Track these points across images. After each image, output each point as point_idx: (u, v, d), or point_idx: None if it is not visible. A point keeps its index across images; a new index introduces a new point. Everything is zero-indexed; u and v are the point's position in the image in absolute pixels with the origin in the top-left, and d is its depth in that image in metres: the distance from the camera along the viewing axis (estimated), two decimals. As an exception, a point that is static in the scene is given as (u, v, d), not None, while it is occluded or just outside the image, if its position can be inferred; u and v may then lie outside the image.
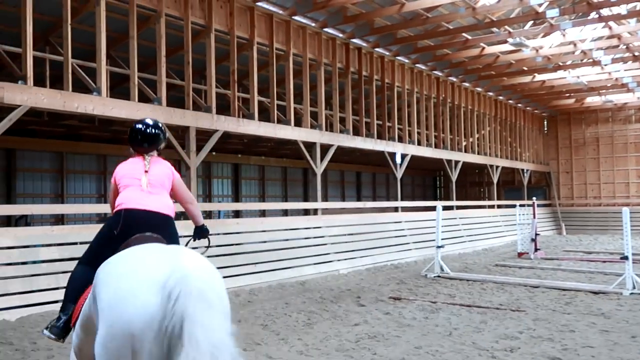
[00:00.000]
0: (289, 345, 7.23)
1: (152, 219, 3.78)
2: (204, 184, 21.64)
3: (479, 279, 12.89)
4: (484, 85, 24.84)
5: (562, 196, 32.47)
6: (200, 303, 2.54)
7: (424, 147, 21.18)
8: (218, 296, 2.70)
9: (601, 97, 28.06)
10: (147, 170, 4.07)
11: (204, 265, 2.88)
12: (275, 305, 9.97)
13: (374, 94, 18.63)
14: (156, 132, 4.30)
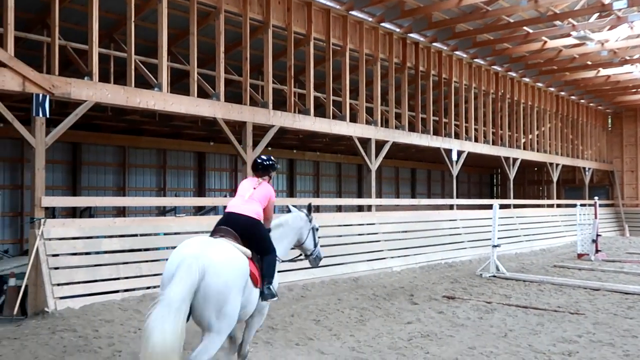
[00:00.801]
0: (341, 341, 7.27)
1: (238, 219, 5.27)
2: (259, 179, 21.89)
3: (536, 279, 12.60)
4: (545, 80, 24.17)
5: (625, 196, 31.30)
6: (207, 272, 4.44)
7: (481, 144, 20.82)
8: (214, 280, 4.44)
9: (671, 93, 26.89)
10: (255, 188, 5.57)
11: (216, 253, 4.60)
12: (328, 301, 10.03)
13: (430, 90, 18.43)
14: (267, 164, 5.80)
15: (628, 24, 17.49)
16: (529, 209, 24.11)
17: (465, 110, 20.39)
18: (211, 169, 20.27)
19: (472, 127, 20.45)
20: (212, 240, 4.90)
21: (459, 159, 19.26)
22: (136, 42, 11.28)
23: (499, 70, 21.86)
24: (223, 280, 4.49)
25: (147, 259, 10.34)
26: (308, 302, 9.84)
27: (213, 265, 4.47)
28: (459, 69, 19.77)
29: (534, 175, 33.55)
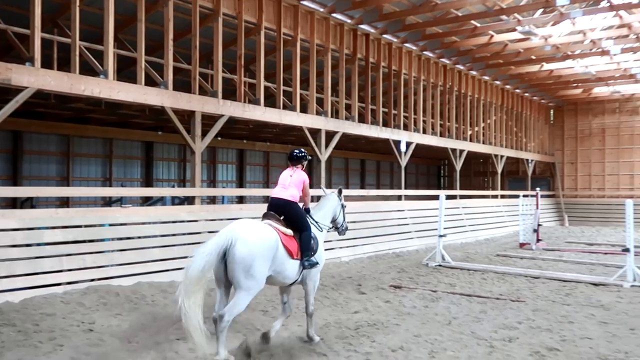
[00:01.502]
0: (289, 331, 7.29)
1: (279, 202, 6.62)
2: (208, 169, 21.70)
3: (480, 268, 12.94)
4: (491, 73, 24.72)
5: (565, 187, 32.43)
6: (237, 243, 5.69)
7: (429, 136, 21.15)
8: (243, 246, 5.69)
9: (609, 88, 27.90)
10: (292, 175, 6.83)
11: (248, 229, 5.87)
12: (276, 291, 10.02)
13: (380, 81, 18.59)
14: (300, 155, 6.97)
15: (570, 20, 18.03)
16: (474, 199, 24.68)
17: (414, 102, 20.67)
18: (159, 158, 19.93)
19: (420, 118, 20.74)
20: (250, 221, 6.15)
21: (408, 150, 19.53)
22: (81, 28, 10.95)
23: (447, 63, 22.22)
24: (248, 249, 5.74)
25: (92, 250, 10.11)
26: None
27: (241, 238, 5.76)
28: (409, 61, 20.00)
29: (479, 166, 34.36)
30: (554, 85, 27.43)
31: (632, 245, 11.16)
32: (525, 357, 6.26)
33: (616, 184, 30.91)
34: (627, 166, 30.71)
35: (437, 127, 21.78)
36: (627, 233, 11.20)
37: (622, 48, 20.88)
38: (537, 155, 30.67)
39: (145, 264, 10.64)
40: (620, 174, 30.82)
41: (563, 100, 31.68)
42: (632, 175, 30.50)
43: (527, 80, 26.08)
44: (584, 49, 21.37)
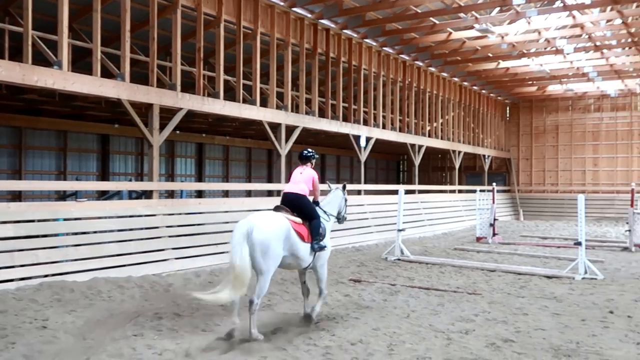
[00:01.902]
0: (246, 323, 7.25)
1: (290, 196, 7.44)
2: (166, 163, 21.41)
3: (438, 262, 13.12)
4: (449, 70, 25.06)
5: (521, 182, 33.19)
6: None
7: (389, 131, 21.33)
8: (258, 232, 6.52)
9: (562, 86, 28.64)
10: (302, 173, 7.70)
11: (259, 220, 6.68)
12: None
13: (340, 76, 18.63)
14: (309, 155, 7.91)
15: (526, 19, 18.42)
16: (432, 194, 25.03)
17: (374, 98, 20.80)
18: (116, 152, 19.56)
19: (380, 114, 20.90)
20: (264, 212, 7.09)
21: (367, 145, 19.65)
22: (34, 17, 10.64)
23: (406, 59, 22.42)
24: (264, 235, 6.60)
25: (45, 245, 9.86)
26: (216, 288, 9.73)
27: (257, 226, 6.62)
28: (369, 56, 20.11)
29: (438, 162, 34.85)
30: (510, 83, 28.00)
31: (584, 239, 11.48)
32: (481, 349, 6.39)
33: (569, 180, 31.80)
34: (579, 162, 31.63)
35: (396, 123, 21.97)
36: (579, 227, 11.52)
37: (575, 47, 21.45)
38: (494, 151, 31.28)
39: (101, 259, 10.44)
40: (572, 169, 31.73)
41: (519, 98, 32.37)
42: (584, 171, 31.43)
43: (484, 77, 26.54)
44: (538, 48, 21.86)
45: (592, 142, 31.38)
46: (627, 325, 7.44)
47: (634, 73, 25.48)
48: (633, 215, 16.07)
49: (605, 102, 31.19)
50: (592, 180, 31.23)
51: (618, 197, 29.66)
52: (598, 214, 29.18)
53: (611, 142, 30.89)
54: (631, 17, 18.81)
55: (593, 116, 31.47)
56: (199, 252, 12.15)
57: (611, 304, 8.80)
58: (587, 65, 24.17)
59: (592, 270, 11.30)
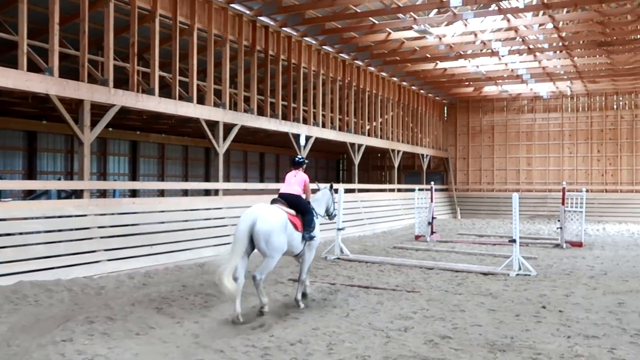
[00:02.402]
0: (184, 328, 7.14)
1: (287, 196, 8.47)
2: (98, 161, 20.81)
3: (378, 260, 13.28)
4: (388, 70, 25.40)
5: (458, 181, 34.03)
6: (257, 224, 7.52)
7: (328, 130, 21.43)
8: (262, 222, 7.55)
9: (498, 87, 29.51)
10: (295, 176, 8.82)
11: (264, 210, 7.72)
12: (172, 287, 9.80)
13: (279, 74, 18.57)
14: (301, 161, 9.11)
15: (463, 21, 18.87)
16: (372, 193, 25.32)
17: (314, 96, 20.85)
18: (43, 149, 18.85)
19: (319, 113, 20.96)
20: (265, 205, 8.03)
21: (307, 144, 19.68)
22: (-48, 6, 10.11)
23: (346, 58, 22.59)
24: (267, 225, 7.67)
25: (-34, 248, 9.39)
26: (150, 290, 9.53)
27: (260, 217, 7.68)
28: (308, 54, 20.14)
29: (377, 161, 35.31)
30: (447, 83, 28.65)
31: (518, 237, 11.87)
32: (420, 346, 6.49)
33: (504, 179, 32.85)
34: (513, 161, 32.72)
35: (336, 122, 22.10)
36: (514, 225, 11.91)
37: (509, 50, 22.12)
38: (432, 151, 31.94)
39: (28, 261, 10.01)
40: (507, 169, 32.78)
41: (456, 98, 33.18)
42: (518, 170, 32.53)
43: (422, 77, 27.05)
44: (475, 50, 22.46)
45: (526, 142, 32.52)
46: (559, 320, 7.74)
47: (565, 76, 26.52)
48: (564, 213, 16.74)
49: (538, 104, 32.38)
50: (526, 179, 32.37)
51: (550, 195, 30.84)
52: (532, 212, 30.26)
53: (543, 142, 32.10)
54: (562, 22, 19.57)
55: (526, 117, 32.61)
56: (132, 254, 11.85)
57: (544, 299, 9.13)
58: (521, 68, 25.00)
59: (525, 267, 11.70)
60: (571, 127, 31.57)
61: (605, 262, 13.57)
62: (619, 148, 30.46)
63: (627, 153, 30.33)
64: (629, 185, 30.18)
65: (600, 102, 31.11)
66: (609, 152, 30.69)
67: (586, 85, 28.93)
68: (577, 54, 22.83)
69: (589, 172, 30.99)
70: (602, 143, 30.83)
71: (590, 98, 31.26)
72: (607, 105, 30.91)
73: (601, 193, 30.25)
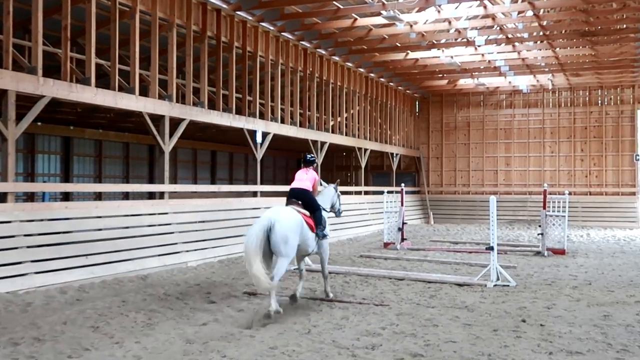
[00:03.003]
0: (125, 349, 7.02)
1: (297, 191, 9.94)
2: (25, 160, 20.35)
3: (342, 271, 13.30)
4: (355, 60, 25.53)
5: (431, 183, 34.41)
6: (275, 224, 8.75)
7: (288, 126, 21.40)
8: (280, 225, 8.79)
9: (474, 80, 29.97)
10: (307, 173, 10.26)
11: (277, 214, 8.96)
12: (110, 303, 9.63)
13: (233, 64, 18.45)
14: (312, 159, 10.71)
15: (436, 7, 19.09)
16: (336, 196, 25.33)
17: (272, 88, 20.80)
18: (-38, 147, 18.33)
19: (278, 106, 20.92)
20: (282, 207, 9.54)
21: (264, 142, 19.61)
22: None
23: (307, 46, 22.59)
24: (284, 227, 8.88)
25: None
26: (85, 306, 9.35)
27: (278, 219, 8.89)
28: (265, 42, 20.06)
29: (342, 160, 35.46)
30: (419, 75, 28.96)
31: (496, 244, 12.03)
32: (389, 365, 6.51)
33: (481, 180, 33.37)
34: (491, 161, 33.26)
35: (296, 117, 22.09)
36: (491, 231, 12.07)
37: (486, 39, 22.48)
38: (402, 149, 32.22)
39: (-58, 276, 9.72)
40: (484, 169, 33.31)
41: (428, 91, 33.57)
42: (496, 170, 33.08)
43: (392, 68, 27.28)
44: (449, 39, 22.75)
45: (504, 141, 33.08)
46: (540, 335, 7.86)
47: (546, 68, 27.08)
48: (545, 217, 17.07)
49: (517, 98, 33.01)
50: (504, 180, 32.94)
51: (530, 198, 31.50)
52: (511, 217, 30.81)
53: (523, 141, 32.71)
54: (543, 10, 19.99)
55: (505, 112, 33.19)
56: (64, 265, 11.60)
57: (523, 312, 9.28)
58: (499, 59, 25.44)
59: (504, 276, 11.87)
60: (553, 124, 32.25)
61: (590, 271, 13.88)
62: (604, 147, 31.23)
63: (613, 152, 31.12)
64: (615, 187, 30.97)
65: (584, 97, 31.89)
66: (593, 152, 31.43)
67: (569, 79, 29.61)
68: (559, 45, 23.35)
69: (572, 173, 31.71)
70: (586, 141, 31.58)
71: (573, 92, 32.01)
72: (591, 101, 31.69)
73: (585, 196, 30.97)
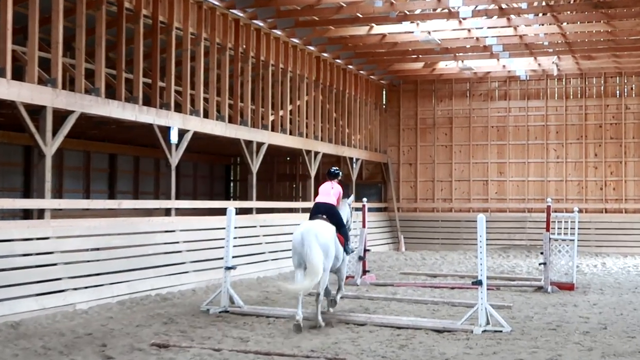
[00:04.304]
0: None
1: (323, 206, 12.99)
2: None
3: (285, 314, 13.25)
4: (302, 35, 25.45)
5: (402, 197, 34.58)
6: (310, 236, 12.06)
7: (213, 121, 21.26)
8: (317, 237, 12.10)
9: (458, 63, 30.26)
10: (333, 187, 13.31)
11: (318, 226, 12.37)
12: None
13: (140, 38, 18.26)
14: (337, 172, 13.66)
15: (408, -34, 19.27)
16: (278, 214, 25.36)
17: (192, 72, 20.64)
18: None
19: (200, 95, 20.72)
20: (317, 220, 12.46)
21: (182, 142, 19.45)
22: None
23: (239, 16, 22.48)
24: (325, 240, 12.03)
25: None
26: None
27: (320, 232, 12.02)
28: (183, 10, 19.91)
29: (285, 167, 35.46)
30: (387, 56, 29.16)
31: (485, 277, 12.14)
32: None
33: (466, 193, 33.68)
34: (479, 169, 33.62)
35: (224, 109, 21.94)
36: (479, 260, 12.18)
37: (473, 10, 22.60)
38: (365, 153, 32.33)
39: None
40: (471, 179, 33.63)
41: (399, 77, 33.81)
42: (486, 181, 33.41)
43: (351, 47, 27.38)
44: (425, 8, 22.98)
45: (497, 142, 33.47)
46: (541, 395, 7.97)
47: (550, 48, 27.48)
48: (549, 242, 17.30)
49: (514, 87, 33.53)
50: (497, 194, 33.32)
51: (530, 217, 31.91)
52: (505, 241, 31.20)
53: (521, 142, 33.14)
54: (546, -29, 20.36)
55: (498, 106, 33.64)
56: None
57: (520, 366, 9.39)
58: (489, 36, 25.69)
59: (496, 319, 11.98)
60: (559, 121, 32.78)
61: (605, 312, 14.14)
62: (624, 151, 31.73)
63: (635, 158, 31.64)
64: (638, 203, 31.48)
65: (598, 87, 32.55)
66: (610, 157, 31.99)
67: (579, 63, 30.11)
68: (566, 19, 23.72)
69: (583, 185, 32.24)
70: (601, 144, 32.11)
71: (585, 80, 32.62)
72: (607, 91, 32.34)
73: (600, 214, 31.55)
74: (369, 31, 25.33)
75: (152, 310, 14.03)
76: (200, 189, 33.68)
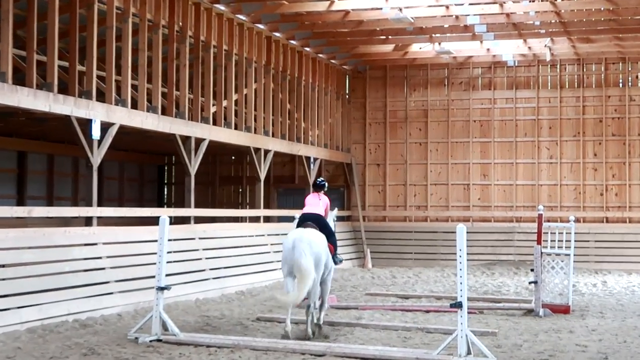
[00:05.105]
0: None
1: (313, 215, 15.24)
2: None
3: (229, 343, 13.22)
4: (249, 10, 25.38)
5: (368, 204, 34.63)
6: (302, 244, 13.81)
7: (144, 113, 21.14)
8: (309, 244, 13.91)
9: (434, 46, 30.41)
10: (320, 199, 15.81)
11: (310, 234, 14.30)
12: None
13: (55, 12, 18.12)
14: (322, 184, 16.26)
15: None
16: (220, 225, 25.27)
17: (117, 53, 20.51)
18: None
19: (128, 82, 20.61)
20: (308, 228, 14.35)
21: (105, 137, 19.33)
22: None
23: (174, -10, 22.45)
24: (318, 248, 13.88)
25: None
26: None
27: (312, 240, 13.88)
28: (107, -21, 19.84)
29: (230, 168, 35.40)
30: (350, 37, 29.21)
31: (466, 298, 12.20)
32: None
33: (444, 199, 33.82)
34: (459, 171, 33.77)
35: (157, 99, 21.83)
36: (459, 278, 12.24)
37: (452, -18, 22.86)
38: (325, 151, 32.36)
39: None
40: (450, 182, 33.76)
41: (365, 62, 33.89)
42: (468, 185, 33.55)
43: (308, 25, 27.40)
44: (396, -20, 23.07)
45: (480, 139, 33.64)
46: None
47: (542, 29, 27.70)
48: (541, 257, 17.43)
49: (500, 74, 33.74)
50: (480, 200, 33.52)
51: (519, 228, 32.14)
52: (490, 256, 31.38)
53: (508, 139, 33.33)
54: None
55: (481, 96, 33.83)
56: None
57: (506, 403, 9.49)
58: (471, 14, 25.83)
59: (478, 348, 12.04)
60: (552, 115, 33.03)
61: (606, 338, 14.28)
62: (628, 150, 31.97)
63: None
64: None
65: (598, 74, 32.90)
66: (611, 157, 32.27)
67: (575, 46, 30.38)
68: (560, -6, 24.01)
69: (581, 190, 32.47)
70: (602, 142, 32.38)
71: (583, 67, 32.93)
72: (608, 80, 32.67)
73: (600, 224, 31.83)
74: (330, 7, 25.25)
75: (68, 339, 13.90)
76: (127, 193, 33.52)
